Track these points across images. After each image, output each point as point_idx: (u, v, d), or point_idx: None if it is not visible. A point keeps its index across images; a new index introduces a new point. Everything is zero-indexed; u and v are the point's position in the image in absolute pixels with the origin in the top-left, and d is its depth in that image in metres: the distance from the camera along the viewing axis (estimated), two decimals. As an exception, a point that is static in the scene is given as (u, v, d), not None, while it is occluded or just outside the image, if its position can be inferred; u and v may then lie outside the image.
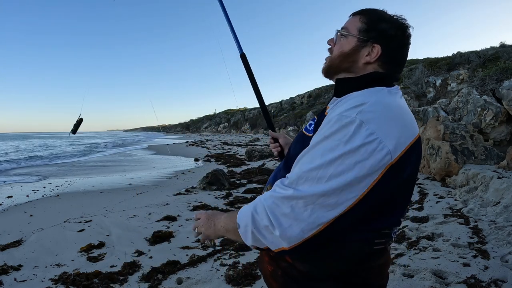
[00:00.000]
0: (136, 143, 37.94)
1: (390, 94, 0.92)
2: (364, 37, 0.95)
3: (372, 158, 0.77)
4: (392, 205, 0.89)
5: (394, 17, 0.97)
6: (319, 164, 0.79)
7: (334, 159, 0.78)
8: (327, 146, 0.80)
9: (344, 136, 0.79)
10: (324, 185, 0.78)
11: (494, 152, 6.03)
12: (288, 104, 48.65)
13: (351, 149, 0.77)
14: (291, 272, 0.95)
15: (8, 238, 4.07)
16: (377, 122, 0.80)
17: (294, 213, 0.79)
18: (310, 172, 0.80)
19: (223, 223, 0.99)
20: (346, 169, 0.77)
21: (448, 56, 12.62)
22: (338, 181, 0.77)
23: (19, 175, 11.52)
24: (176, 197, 6.59)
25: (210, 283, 2.82)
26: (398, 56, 0.97)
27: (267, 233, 0.83)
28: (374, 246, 0.90)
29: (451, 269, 2.74)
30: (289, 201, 0.80)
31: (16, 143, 45.26)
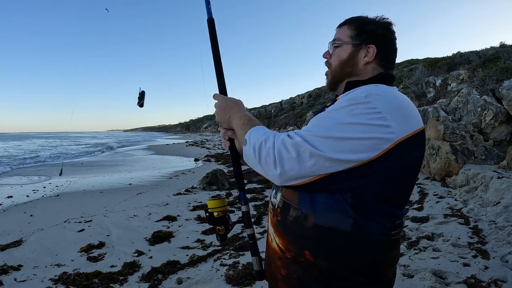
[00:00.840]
0: (138, 143, 37.93)
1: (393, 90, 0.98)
2: (357, 41, 1.03)
3: (377, 132, 0.84)
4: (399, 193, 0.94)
5: (377, 19, 1.05)
6: (328, 126, 0.87)
7: (342, 123, 0.85)
8: (337, 115, 0.88)
9: (353, 110, 0.86)
10: (331, 142, 0.84)
11: (494, 152, 6.03)
12: (288, 104, 48.65)
13: (359, 121, 0.84)
14: (310, 273, 0.95)
15: (8, 238, 4.07)
16: (384, 104, 0.87)
17: (299, 159, 0.85)
18: (319, 129, 0.87)
19: (236, 124, 1.04)
20: (353, 136, 0.84)
21: (448, 56, 12.61)
22: (343, 142, 0.84)
23: (19, 175, 11.52)
24: (176, 197, 6.59)
25: (210, 283, 2.82)
26: (391, 51, 1.06)
27: (266, 166, 0.89)
28: (391, 237, 0.95)
29: (451, 269, 2.74)
30: (297, 147, 0.85)
31: (16, 143, 45.26)
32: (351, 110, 0.86)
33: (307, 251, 0.95)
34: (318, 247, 0.93)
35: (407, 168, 0.91)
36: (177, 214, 5.13)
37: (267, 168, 0.88)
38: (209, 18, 1.21)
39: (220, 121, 1.11)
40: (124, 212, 5.29)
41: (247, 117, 1.04)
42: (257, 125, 1.01)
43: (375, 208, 0.90)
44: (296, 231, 0.97)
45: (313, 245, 0.94)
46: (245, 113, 1.06)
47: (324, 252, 0.93)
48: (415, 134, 0.90)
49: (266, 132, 0.94)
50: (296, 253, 0.97)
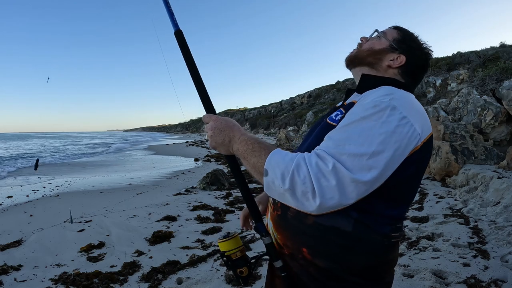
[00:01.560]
0: (138, 143, 37.92)
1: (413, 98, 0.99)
2: (395, 45, 1.06)
3: (406, 138, 0.84)
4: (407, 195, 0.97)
5: (424, 43, 1.09)
6: (359, 142, 0.82)
7: (374, 137, 0.82)
8: (365, 125, 0.84)
9: (381, 118, 0.84)
10: (365, 160, 0.80)
11: (494, 152, 6.03)
12: (288, 104, 48.65)
13: (389, 130, 0.82)
14: (307, 270, 0.95)
15: (8, 238, 4.07)
16: (407, 108, 0.87)
17: (339, 187, 0.79)
18: (350, 147, 0.82)
19: (243, 150, 0.92)
20: (386, 148, 0.81)
21: (448, 56, 12.61)
22: (380, 159, 0.81)
23: (19, 175, 11.52)
24: (176, 197, 6.59)
25: (210, 283, 2.82)
26: (416, 73, 1.07)
27: (302, 197, 0.81)
28: (391, 239, 0.95)
29: (451, 269, 2.74)
30: (336, 173, 0.79)
31: (15, 143, 45.25)
32: (379, 118, 0.84)
33: (305, 248, 0.94)
34: (317, 245, 0.93)
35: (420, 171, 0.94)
36: (177, 214, 5.13)
37: (304, 199, 0.80)
38: (177, 30, 1.07)
39: (217, 146, 0.97)
40: (124, 212, 5.28)
41: (255, 140, 0.93)
42: (271, 149, 0.89)
43: (378, 207, 0.90)
44: (296, 227, 0.95)
45: (312, 243, 0.93)
46: (249, 136, 0.96)
47: (323, 251, 0.93)
48: (430, 137, 0.93)
49: (289, 156, 0.84)
50: (294, 250, 0.96)
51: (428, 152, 0.94)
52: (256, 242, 3.77)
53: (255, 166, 0.89)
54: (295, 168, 0.81)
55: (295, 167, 0.81)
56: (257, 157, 0.89)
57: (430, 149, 0.95)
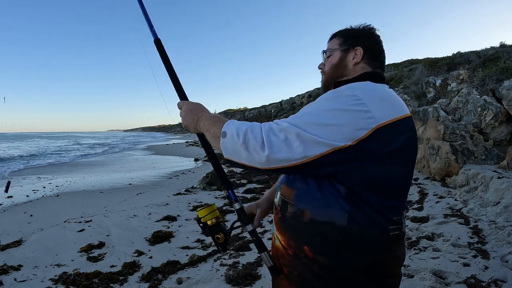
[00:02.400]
0: (139, 143, 37.89)
1: (375, 84, 1.04)
2: (345, 47, 1.14)
3: (358, 116, 0.88)
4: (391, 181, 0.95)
5: (361, 26, 1.16)
6: (314, 112, 0.92)
7: (326, 110, 0.91)
8: (321, 103, 0.94)
9: (336, 98, 0.93)
10: (316, 127, 0.88)
11: (494, 152, 6.02)
12: (288, 104, 48.64)
13: (341, 107, 0.90)
14: (310, 268, 0.97)
15: (8, 238, 4.07)
16: (365, 94, 0.93)
17: (287, 141, 0.88)
18: (304, 116, 0.92)
19: (207, 124, 1.04)
20: (333, 118, 0.89)
21: (448, 56, 12.60)
22: (326, 125, 0.88)
23: (20, 175, 11.52)
24: (176, 197, 6.59)
25: (210, 283, 2.82)
26: (377, 51, 1.15)
27: (253, 151, 0.89)
28: (389, 232, 0.95)
29: (451, 269, 2.74)
30: (285, 131, 0.89)
31: (15, 143, 45.25)
32: (334, 99, 0.93)
33: (306, 246, 0.97)
34: (315, 242, 0.95)
35: (394, 154, 0.92)
36: (177, 214, 5.13)
37: (255, 152, 0.89)
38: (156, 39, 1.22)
39: (187, 125, 1.09)
40: (124, 212, 5.28)
41: (216, 116, 1.05)
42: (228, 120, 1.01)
43: (369, 200, 0.92)
44: (294, 226, 0.99)
45: (311, 240, 0.96)
46: (213, 114, 1.07)
47: (322, 247, 0.95)
48: (399, 120, 0.93)
49: (246, 122, 0.96)
50: (296, 249, 0.99)
51: (399, 133, 0.93)
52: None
53: (215, 134, 0.99)
54: (249, 127, 0.92)
55: (249, 126, 0.93)
56: (216, 127, 0.99)
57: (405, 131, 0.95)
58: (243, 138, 0.90)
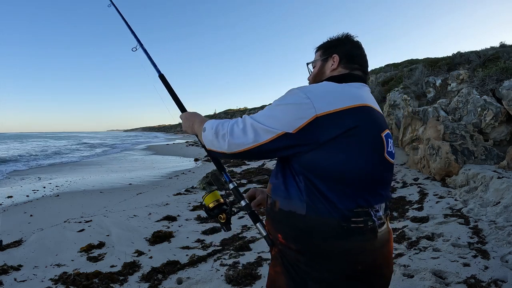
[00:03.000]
0: (139, 144, 37.89)
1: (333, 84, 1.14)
2: (324, 56, 1.26)
3: (300, 108, 1.01)
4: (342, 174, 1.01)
5: (339, 35, 1.28)
6: (268, 107, 1.09)
7: (274, 106, 1.07)
8: (276, 100, 1.10)
9: (286, 95, 1.08)
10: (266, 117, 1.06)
11: (494, 152, 6.02)
12: (288, 104, 48.59)
13: (286, 102, 1.05)
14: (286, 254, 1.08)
15: (8, 238, 4.07)
16: (311, 90, 1.05)
17: (244, 129, 1.06)
18: (262, 111, 1.10)
19: (197, 125, 1.28)
20: (279, 111, 1.05)
21: (448, 56, 12.59)
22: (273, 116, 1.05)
23: (20, 175, 11.52)
24: (176, 197, 6.59)
25: (210, 283, 2.82)
26: (354, 55, 1.24)
27: (221, 138, 1.09)
28: (351, 224, 1.00)
29: (451, 269, 2.74)
30: (244, 121, 1.08)
31: (15, 143, 45.25)
32: (285, 95, 1.08)
33: (279, 234, 1.10)
34: (285, 229, 1.08)
35: (336, 142, 1.00)
36: (177, 214, 5.13)
37: (222, 139, 1.09)
38: (160, 74, 1.58)
39: (186, 129, 1.35)
40: (124, 212, 5.29)
41: (205, 119, 1.27)
42: None
43: (323, 190, 1.00)
44: (271, 215, 1.14)
45: (281, 228, 1.09)
46: (203, 118, 1.30)
47: (291, 234, 1.06)
48: (343, 110, 1.01)
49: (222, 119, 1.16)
50: (274, 235, 1.13)
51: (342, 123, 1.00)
52: (256, 242, 3.78)
53: (200, 131, 1.22)
54: (221, 121, 1.15)
55: (221, 121, 1.15)
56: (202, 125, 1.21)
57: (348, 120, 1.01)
58: (215, 130, 1.12)
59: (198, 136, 1.28)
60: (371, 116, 1.07)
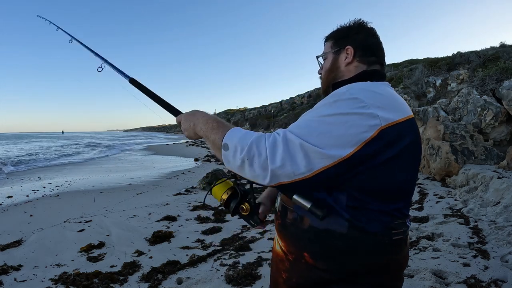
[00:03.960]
0: (139, 144, 37.89)
1: (374, 84, 0.99)
2: (336, 48, 1.11)
3: (361, 119, 0.84)
4: (393, 186, 0.92)
5: (351, 22, 1.12)
6: (315, 120, 0.87)
7: (323, 117, 0.87)
8: (322, 110, 0.89)
9: (336, 103, 0.88)
10: (319, 136, 0.84)
11: (494, 152, 6.02)
12: (288, 104, 48.65)
13: (341, 112, 0.86)
14: (310, 275, 0.96)
15: (8, 238, 4.06)
16: (365, 94, 0.89)
17: (290, 153, 0.83)
18: (306, 124, 0.87)
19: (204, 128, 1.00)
20: (337, 125, 0.84)
21: (448, 56, 12.59)
22: (328, 134, 0.84)
23: (19, 175, 11.52)
24: (176, 197, 6.59)
25: (210, 283, 2.82)
26: (370, 45, 1.08)
27: (257, 167, 0.85)
28: (392, 236, 0.93)
29: (451, 269, 2.74)
30: (287, 142, 0.84)
31: (16, 143, 45.24)
32: (335, 103, 0.88)
33: (306, 253, 0.96)
34: (316, 248, 0.94)
35: (397, 157, 0.89)
36: (177, 214, 5.13)
37: (259, 168, 0.84)
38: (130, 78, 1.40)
39: (187, 134, 1.09)
40: (124, 212, 5.28)
41: (214, 120, 1.00)
42: (230, 127, 0.96)
43: (368, 205, 0.90)
44: (295, 233, 0.98)
45: (311, 247, 0.95)
46: (210, 116, 1.03)
47: (322, 253, 0.93)
48: (403, 121, 0.90)
49: (250, 132, 0.91)
50: (297, 255, 0.98)
51: (403, 135, 0.89)
52: (256, 242, 3.78)
53: (215, 143, 0.95)
54: (254, 141, 0.86)
55: (254, 140, 0.86)
56: (215, 134, 0.95)
57: (408, 132, 0.91)
58: (247, 154, 0.85)
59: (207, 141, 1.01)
60: (417, 128, 0.98)
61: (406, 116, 0.92)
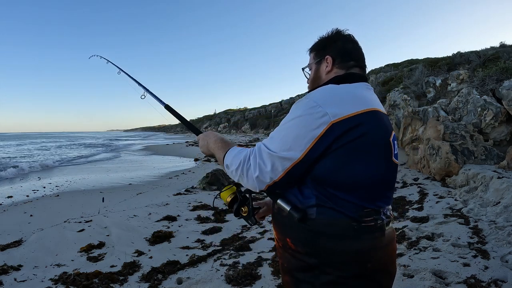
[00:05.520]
0: (139, 144, 37.88)
1: (339, 87, 1.07)
2: (318, 59, 1.21)
3: (311, 118, 0.97)
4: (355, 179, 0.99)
5: (329, 33, 1.21)
6: (279, 128, 1.05)
7: (284, 123, 1.03)
8: (286, 117, 1.05)
9: (296, 109, 1.02)
10: (279, 141, 1.01)
11: (494, 152, 6.02)
12: (288, 104, 48.69)
13: (297, 115, 1.00)
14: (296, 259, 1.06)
15: (8, 238, 4.07)
16: (319, 96, 1.01)
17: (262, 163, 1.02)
18: (273, 133, 1.06)
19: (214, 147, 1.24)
20: (291, 129, 1.00)
21: (448, 56, 12.59)
22: (286, 138, 1.00)
23: (19, 175, 11.52)
24: (176, 197, 6.59)
25: (210, 283, 2.82)
26: (347, 50, 1.17)
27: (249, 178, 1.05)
28: (362, 223, 1.00)
29: (451, 269, 2.74)
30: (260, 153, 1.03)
31: (15, 143, 45.23)
32: (295, 109, 1.02)
33: (288, 238, 1.08)
34: (294, 234, 1.06)
35: (355, 150, 0.97)
36: (177, 214, 5.13)
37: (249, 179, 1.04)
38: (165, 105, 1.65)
39: (203, 150, 1.32)
40: (124, 212, 5.28)
41: (220, 140, 1.24)
42: (230, 146, 1.18)
43: (336, 195, 0.99)
44: (279, 220, 1.11)
45: (291, 232, 1.07)
46: (218, 137, 1.27)
47: (300, 238, 1.04)
48: (357, 114, 0.98)
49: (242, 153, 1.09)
50: (283, 241, 1.10)
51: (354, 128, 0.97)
52: (256, 242, 3.78)
53: (219, 159, 1.18)
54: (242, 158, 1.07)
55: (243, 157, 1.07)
56: (220, 153, 1.19)
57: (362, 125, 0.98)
58: (241, 170, 1.06)
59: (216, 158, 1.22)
60: (380, 121, 1.05)
61: (363, 109, 1.00)
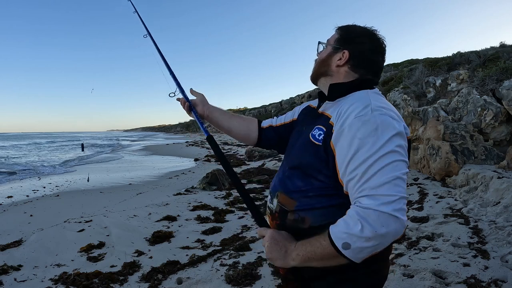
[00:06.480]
0: (139, 144, 37.87)
1: (376, 94, 1.04)
2: (337, 45, 1.10)
3: (404, 141, 0.94)
4: None
5: (364, 28, 1.10)
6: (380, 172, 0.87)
7: (378, 151, 0.89)
8: (371, 147, 0.89)
9: (377, 130, 0.90)
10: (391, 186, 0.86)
11: (494, 152, 6.02)
12: (288, 104, 48.66)
13: (391, 148, 0.89)
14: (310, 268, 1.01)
15: (8, 238, 4.07)
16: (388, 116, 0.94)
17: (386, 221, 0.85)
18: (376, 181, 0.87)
19: (302, 251, 0.94)
20: (398, 162, 0.90)
21: (448, 56, 12.57)
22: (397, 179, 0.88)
23: (19, 175, 11.52)
24: (176, 197, 6.59)
25: (210, 283, 2.82)
26: (367, 61, 1.08)
27: (380, 237, 0.85)
28: None
29: (451, 269, 2.74)
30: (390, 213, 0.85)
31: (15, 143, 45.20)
32: (375, 131, 0.90)
33: None
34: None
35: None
36: (177, 214, 5.13)
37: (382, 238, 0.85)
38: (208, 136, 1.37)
39: (272, 258, 1.00)
40: (124, 212, 5.28)
41: (306, 240, 0.95)
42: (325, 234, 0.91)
43: None
44: (295, 231, 1.03)
45: None
46: (302, 241, 0.97)
47: None
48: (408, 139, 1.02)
49: (349, 221, 0.87)
50: None
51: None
52: (256, 242, 3.77)
53: (324, 256, 0.90)
54: (362, 226, 0.84)
55: (361, 225, 0.84)
56: (321, 248, 0.90)
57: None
58: (368, 235, 0.83)
59: (310, 264, 0.95)
60: None
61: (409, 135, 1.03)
